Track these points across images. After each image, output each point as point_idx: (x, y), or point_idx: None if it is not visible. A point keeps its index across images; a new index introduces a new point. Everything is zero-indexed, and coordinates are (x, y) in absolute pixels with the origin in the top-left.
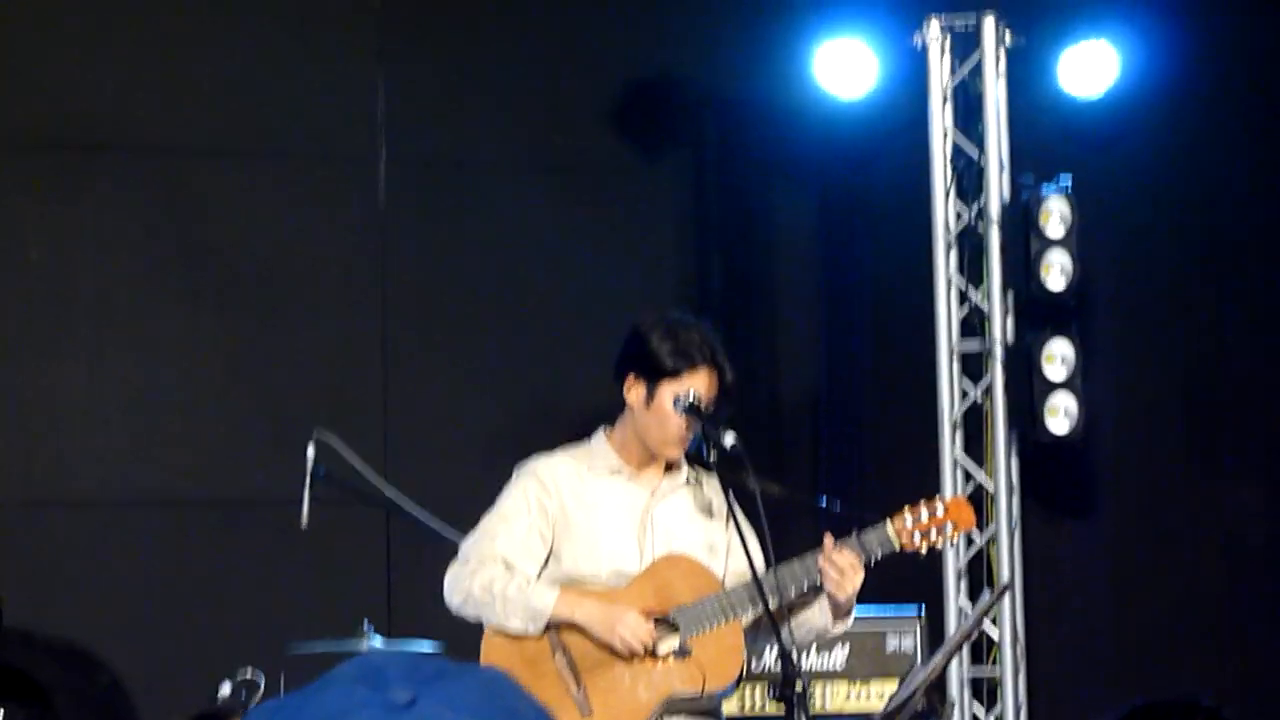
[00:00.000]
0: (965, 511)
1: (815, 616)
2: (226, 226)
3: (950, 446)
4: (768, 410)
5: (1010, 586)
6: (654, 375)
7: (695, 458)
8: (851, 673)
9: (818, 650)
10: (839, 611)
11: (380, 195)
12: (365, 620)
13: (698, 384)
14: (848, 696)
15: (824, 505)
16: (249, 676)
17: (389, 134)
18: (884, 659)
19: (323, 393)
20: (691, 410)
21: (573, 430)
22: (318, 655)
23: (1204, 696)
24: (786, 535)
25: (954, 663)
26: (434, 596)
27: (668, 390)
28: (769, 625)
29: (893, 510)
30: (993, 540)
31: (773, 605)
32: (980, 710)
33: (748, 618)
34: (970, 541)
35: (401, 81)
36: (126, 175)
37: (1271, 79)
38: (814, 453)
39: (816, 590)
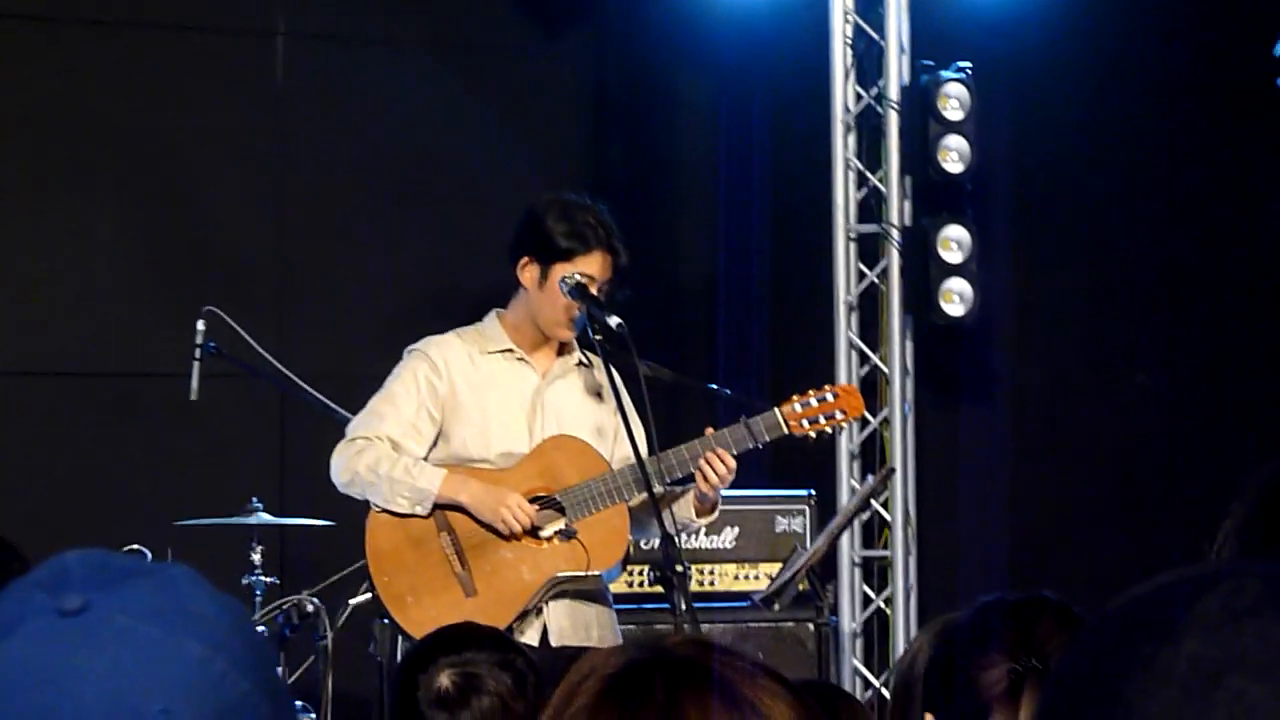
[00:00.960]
0: (854, 399)
1: (682, 508)
2: (119, 99)
3: (845, 329)
4: (666, 293)
5: (895, 470)
6: (548, 257)
7: (587, 341)
8: (740, 553)
9: (706, 531)
10: (704, 505)
11: (278, 70)
12: (254, 497)
13: (591, 266)
14: (736, 577)
15: (714, 390)
16: (134, 549)
17: (285, 8)
18: (773, 540)
19: (217, 269)
20: (578, 291)
21: (468, 312)
22: (205, 530)
23: (1050, 593)
24: (681, 418)
25: (844, 544)
26: (325, 475)
27: (559, 272)
28: (654, 508)
29: (783, 396)
30: (886, 423)
31: (657, 489)
32: (871, 591)
33: (634, 501)
34: (864, 424)
35: None
36: (17, 48)
37: None
38: (711, 335)
39: (688, 480)
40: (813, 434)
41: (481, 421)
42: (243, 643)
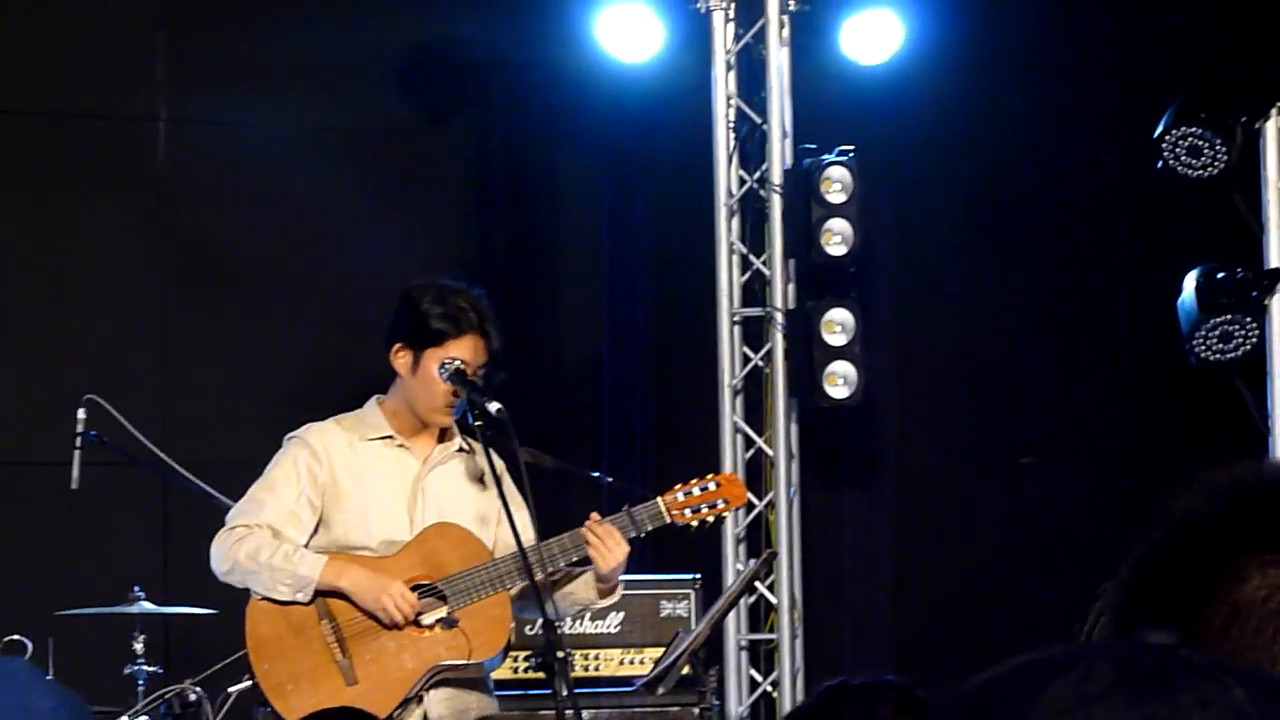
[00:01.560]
0: (736, 488)
1: (580, 590)
2: (1, 183)
3: (730, 412)
4: (550, 377)
5: (777, 553)
6: (420, 342)
7: (467, 426)
8: (625, 639)
9: (591, 617)
10: (605, 586)
11: (159, 155)
12: (136, 586)
13: (464, 350)
14: (621, 662)
15: (596, 477)
16: (15, 640)
17: (169, 94)
18: (659, 624)
19: (100, 357)
20: (456, 377)
21: (353, 397)
22: (87, 620)
23: (892, 675)
24: (566, 506)
25: (730, 628)
26: (209, 563)
27: (432, 358)
28: (535, 596)
29: (666, 484)
30: (771, 506)
31: (539, 577)
32: (758, 675)
33: (515, 588)
34: (750, 508)
35: (182, 41)
36: None
37: (1050, 49)
38: (596, 420)
39: (584, 563)
40: (694, 523)
41: (362, 508)
42: None
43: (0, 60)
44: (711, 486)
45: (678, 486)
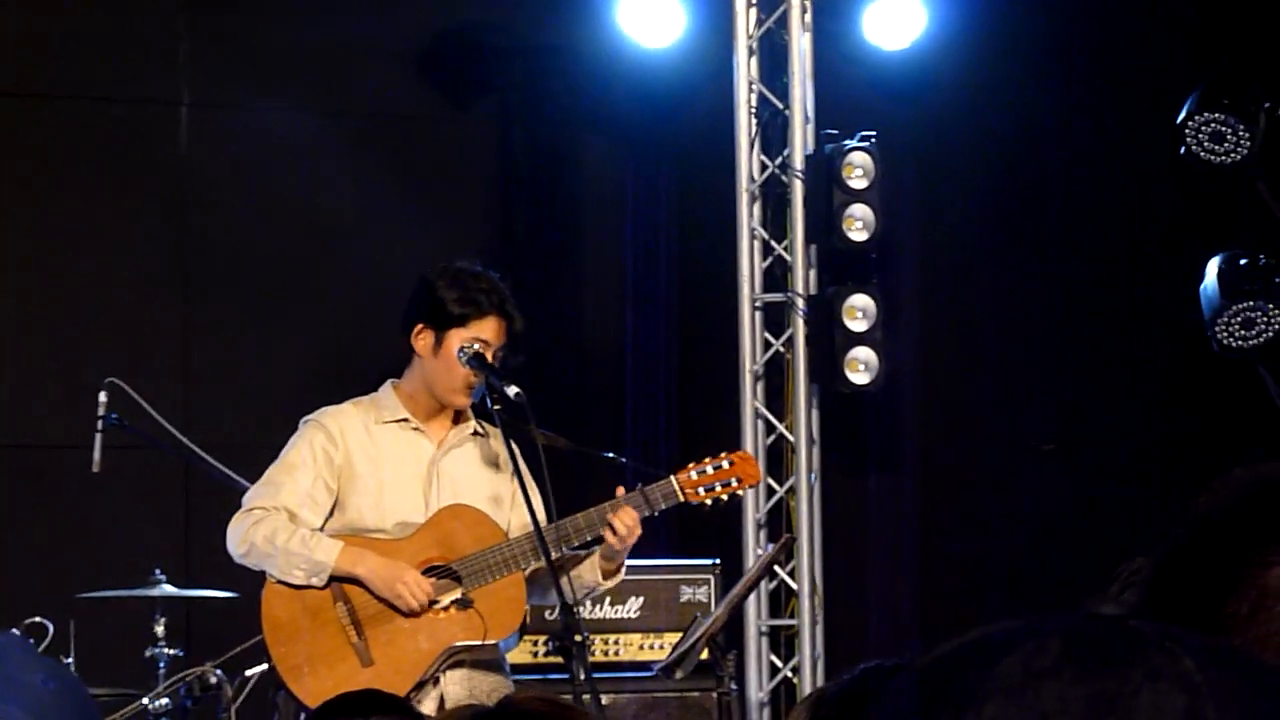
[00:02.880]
0: (750, 466)
1: (587, 572)
2: (23, 167)
3: (750, 398)
4: (573, 362)
5: (795, 538)
6: (441, 323)
7: (483, 410)
8: (645, 623)
9: (611, 601)
10: (610, 565)
11: (182, 140)
12: (157, 569)
13: (485, 332)
14: (640, 647)
15: (612, 459)
16: (37, 622)
17: (190, 79)
18: (679, 609)
19: (121, 340)
20: (476, 361)
21: (370, 383)
22: (108, 602)
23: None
24: (583, 489)
25: (750, 613)
26: (226, 545)
27: (454, 339)
28: (552, 576)
29: (680, 464)
30: (792, 492)
31: (554, 558)
32: (778, 660)
33: (529, 569)
34: (771, 493)
35: (204, 26)
36: None
37: (1073, 34)
38: (620, 404)
39: (594, 543)
40: (708, 502)
41: (377, 491)
42: (70, 712)
43: (24, 45)
44: (725, 465)
45: (691, 465)
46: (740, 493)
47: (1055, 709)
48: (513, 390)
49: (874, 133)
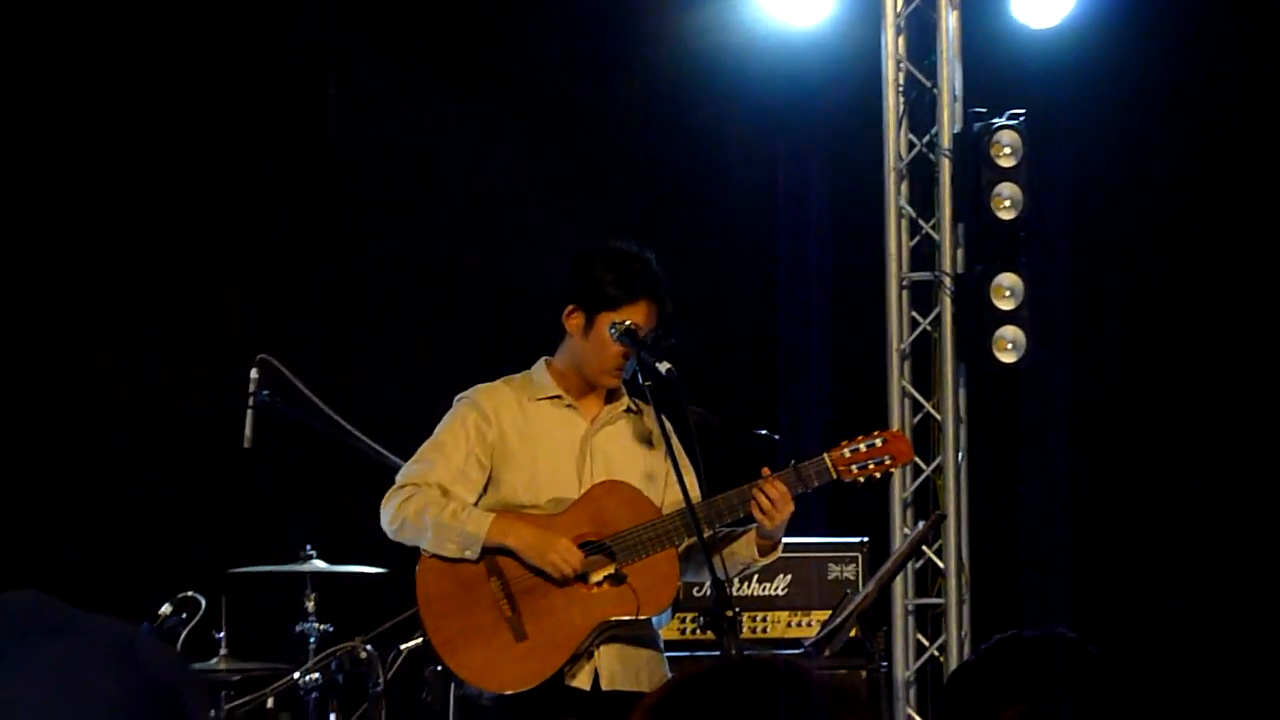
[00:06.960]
0: (903, 444)
1: (742, 549)
2: (167, 146)
3: (898, 376)
4: (724, 342)
5: (945, 515)
6: (594, 305)
7: (634, 386)
8: (793, 601)
9: (759, 579)
10: (766, 545)
11: (331, 120)
12: (308, 545)
13: (636, 315)
14: (788, 624)
15: (764, 435)
16: (189, 596)
17: (337, 64)
18: (826, 587)
19: (272, 316)
20: (627, 338)
21: (522, 360)
22: (258, 577)
23: (1066, 629)
24: (735, 466)
25: (898, 592)
26: (379, 522)
27: (606, 320)
28: (703, 554)
29: (837, 443)
30: (939, 471)
31: (707, 534)
32: (924, 639)
33: (682, 546)
34: (918, 472)
35: (351, 13)
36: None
37: (1227, 11)
38: (771, 384)
39: (747, 521)
40: (861, 479)
41: (530, 468)
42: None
43: (175, 21)
44: (878, 443)
45: (844, 443)
46: (893, 471)
47: None
48: (664, 367)
49: (1022, 111)
